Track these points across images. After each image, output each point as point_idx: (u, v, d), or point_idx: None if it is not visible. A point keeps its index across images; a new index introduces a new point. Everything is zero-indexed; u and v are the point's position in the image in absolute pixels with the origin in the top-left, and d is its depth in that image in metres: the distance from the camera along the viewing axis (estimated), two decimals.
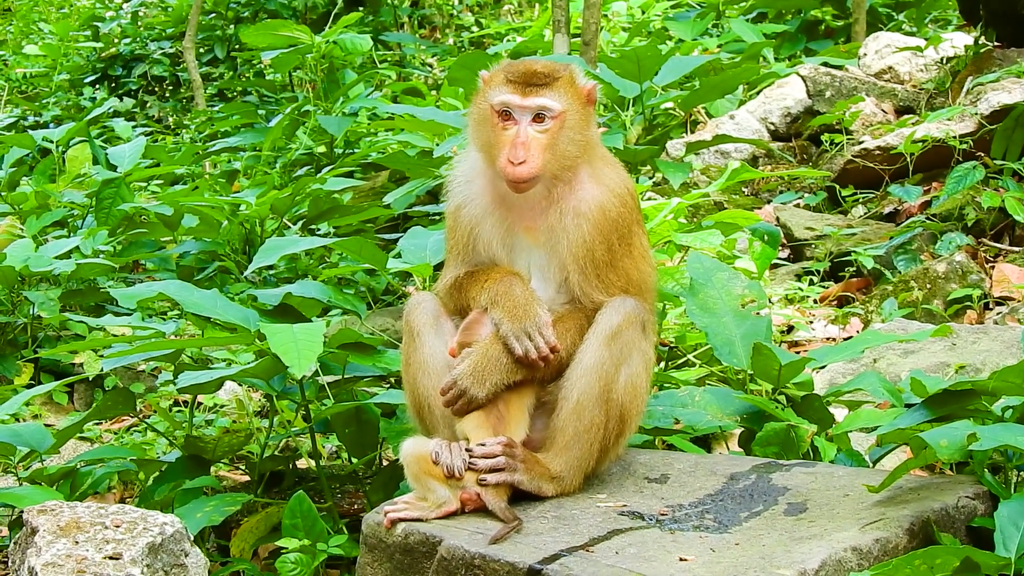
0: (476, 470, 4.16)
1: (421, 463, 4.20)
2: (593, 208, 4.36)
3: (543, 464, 4.30)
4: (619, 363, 4.30)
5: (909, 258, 7.78)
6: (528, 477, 4.24)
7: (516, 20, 17.65)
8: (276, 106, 13.52)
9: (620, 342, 4.30)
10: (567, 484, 4.33)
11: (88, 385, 7.57)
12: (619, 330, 4.30)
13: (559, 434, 4.32)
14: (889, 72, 11.01)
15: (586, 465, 4.35)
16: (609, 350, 4.29)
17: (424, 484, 4.19)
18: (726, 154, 10.23)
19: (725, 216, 6.42)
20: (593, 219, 4.35)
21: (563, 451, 4.31)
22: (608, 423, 4.33)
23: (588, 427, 4.29)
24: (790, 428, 4.89)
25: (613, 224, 4.37)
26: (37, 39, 17.86)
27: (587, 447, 4.31)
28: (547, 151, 4.31)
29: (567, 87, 4.37)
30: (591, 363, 4.29)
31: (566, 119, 4.34)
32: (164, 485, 5.30)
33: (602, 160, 4.49)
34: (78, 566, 4.01)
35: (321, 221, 8.88)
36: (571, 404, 4.29)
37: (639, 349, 4.36)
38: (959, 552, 3.58)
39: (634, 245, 4.45)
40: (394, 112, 10.18)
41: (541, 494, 4.29)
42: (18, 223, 8.73)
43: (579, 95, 4.40)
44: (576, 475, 4.34)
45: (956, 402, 4.34)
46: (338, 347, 5.19)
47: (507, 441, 4.23)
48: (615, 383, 4.30)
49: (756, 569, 3.66)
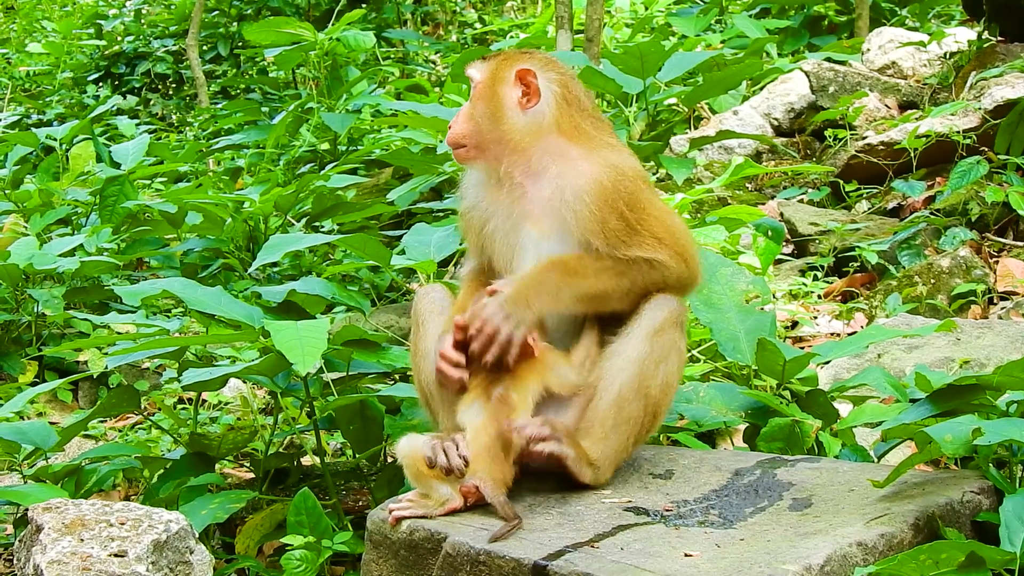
0: (522, 436, 4.12)
1: (419, 462, 4.17)
2: (589, 181, 4.33)
3: (583, 449, 4.26)
4: (659, 360, 4.29)
5: (913, 253, 7.77)
6: (574, 453, 4.20)
7: (519, 16, 17.64)
8: (279, 103, 13.53)
9: (663, 339, 4.30)
10: (602, 474, 4.30)
11: (92, 383, 7.58)
12: (663, 327, 4.30)
13: (598, 423, 4.28)
14: (892, 67, 11.00)
15: (619, 458, 4.33)
16: (651, 345, 4.28)
17: (425, 483, 4.17)
18: (730, 150, 10.23)
19: (729, 212, 6.43)
20: (592, 191, 4.32)
21: (601, 440, 4.27)
22: (644, 418, 4.31)
23: (627, 419, 4.28)
24: (795, 423, 4.89)
25: (614, 195, 4.33)
26: (40, 37, 17.88)
27: (624, 440, 4.29)
28: (467, 121, 4.47)
29: (499, 64, 4.49)
30: (635, 355, 4.28)
31: (480, 91, 4.47)
32: (169, 482, 5.31)
33: (602, 144, 4.47)
34: (83, 563, 4.01)
35: (325, 218, 8.88)
36: (612, 394, 4.27)
37: (677, 348, 4.36)
38: (964, 547, 3.57)
39: (649, 209, 4.40)
40: (397, 109, 10.20)
41: (579, 478, 4.24)
42: (22, 221, 8.74)
43: (505, 75, 4.46)
44: (610, 467, 4.32)
45: (961, 397, 4.34)
46: (342, 344, 5.19)
47: (546, 420, 4.18)
48: (654, 379, 4.29)
49: (761, 564, 3.65)
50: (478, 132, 4.46)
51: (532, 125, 4.44)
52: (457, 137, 4.47)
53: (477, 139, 4.46)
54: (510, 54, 4.57)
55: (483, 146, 4.46)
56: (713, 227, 6.10)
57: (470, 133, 4.46)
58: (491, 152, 4.45)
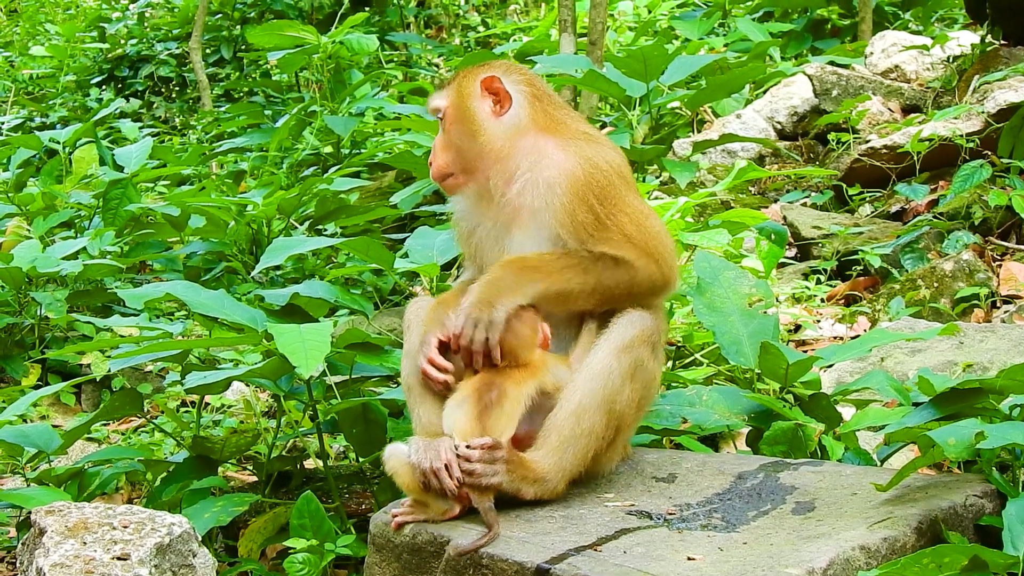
0: (452, 476, 4.09)
1: (412, 473, 4.15)
2: (561, 173, 4.35)
3: (528, 465, 4.21)
4: (626, 376, 4.26)
5: (916, 257, 7.77)
6: (508, 479, 4.15)
7: (522, 20, 17.65)
8: (283, 106, 13.54)
9: (631, 355, 4.27)
10: (551, 486, 4.24)
11: (95, 386, 7.58)
12: (632, 343, 4.28)
13: (554, 433, 4.24)
14: (896, 71, 11.00)
15: (575, 471, 4.27)
16: (618, 361, 4.25)
17: (421, 493, 4.17)
18: (733, 153, 10.23)
19: (732, 215, 6.42)
20: (563, 184, 4.33)
21: (555, 451, 4.24)
22: (607, 432, 4.27)
23: (587, 432, 4.23)
24: (798, 427, 4.89)
25: (585, 187, 4.33)
26: (43, 40, 17.89)
27: (583, 453, 4.25)
28: (445, 150, 4.49)
29: (460, 83, 4.50)
30: (599, 368, 4.26)
31: (452, 115, 4.47)
32: (172, 486, 5.31)
33: (579, 135, 4.48)
34: (86, 567, 4.01)
35: (328, 221, 8.88)
36: (572, 406, 4.24)
37: (645, 367, 4.32)
38: (967, 550, 3.57)
39: (621, 205, 4.39)
40: (400, 112, 10.22)
41: (520, 496, 4.19)
42: (25, 224, 8.75)
43: (471, 90, 4.47)
44: (562, 478, 4.25)
45: (964, 400, 4.34)
46: (345, 347, 5.19)
47: (490, 443, 4.14)
48: (620, 395, 4.26)
49: (764, 568, 3.65)
50: (460, 155, 4.47)
51: (510, 128, 4.46)
52: (442, 168, 4.49)
53: (462, 163, 4.48)
54: (468, 70, 4.56)
55: (469, 167, 4.47)
56: (716, 230, 6.09)
57: (452, 159, 4.48)
58: (478, 170, 4.47)
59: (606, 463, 4.43)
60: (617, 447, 4.41)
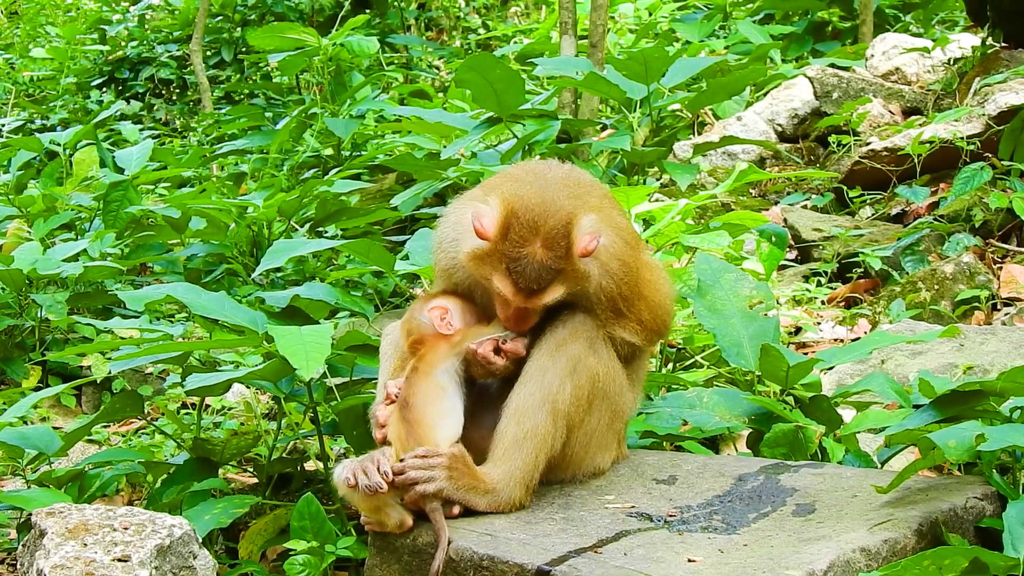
0: (392, 487, 4.08)
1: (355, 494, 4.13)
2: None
3: (477, 476, 4.17)
4: (565, 373, 4.22)
5: (917, 259, 7.77)
6: (452, 487, 4.11)
7: (523, 22, 17.66)
8: (283, 108, 13.54)
9: (565, 353, 4.24)
10: (504, 496, 4.19)
11: (96, 388, 7.58)
12: (564, 341, 4.26)
13: (499, 442, 4.21)
14: (896, 73, 11.00)
15: (528, 477, 4.20)
16: (553, 359, 4.24)
17: (377, 511, 4.16)
18: (733, 155, 10.23)
19: (732, 217, 6.42)
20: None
21: (502, 460, 4.20)
22: (555, 432, 4.22)
23: (530, 434, 4.19)
24: (798, 429, 4.89)
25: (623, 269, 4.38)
26: (44, 42, 17.89)
27: (530, 456, 4.19)
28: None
29: (569, 268, 4.22)
30: (533, 369, 4.24)
31: (567, 289, 4.26)
32: (172, 487, 5.30)
33: (599, 209, 4.36)
34: (87, 568, 4.01)
35: (328, 223, 8.88)
36: (511, 410, 4.22)
37: (586, 364, 4.27)
38: (968, 553, 3.57)
39: (643, 288, 4.46)
40: (401, 114, 10.21)
41: (471, 507, 4.15)
42: (26, 226, 8.74)
43: (578, 262, 4.23)
44: (516, 487, 4.20)
45: (964, 403, 4.34)
46: (346, 349, 5.19)
47: (423, 452, 4.12)
48: (561, 392, 4.21)
49: (764, 570, 3.65)
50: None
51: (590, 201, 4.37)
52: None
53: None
54: (561, 263, 4.20)
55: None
56: (717, 233, 6.09)
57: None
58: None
59: (575, 465, 4.39)
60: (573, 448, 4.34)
